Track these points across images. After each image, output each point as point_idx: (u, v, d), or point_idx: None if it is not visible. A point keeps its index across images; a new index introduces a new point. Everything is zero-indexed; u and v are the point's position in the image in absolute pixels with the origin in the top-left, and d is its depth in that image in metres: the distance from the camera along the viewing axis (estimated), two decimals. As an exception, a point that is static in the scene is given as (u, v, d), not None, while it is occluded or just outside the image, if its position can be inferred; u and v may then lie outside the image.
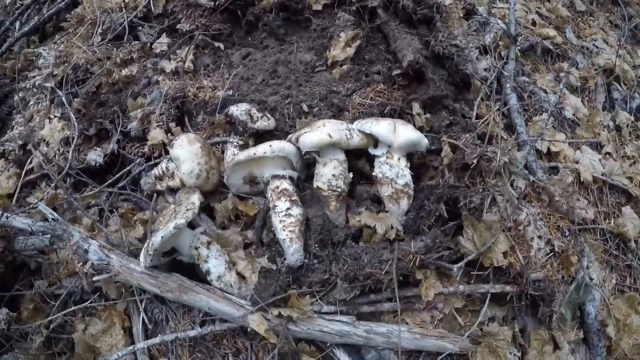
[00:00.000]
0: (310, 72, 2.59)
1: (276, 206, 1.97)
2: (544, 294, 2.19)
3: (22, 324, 2.38)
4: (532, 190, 2.36)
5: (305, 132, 2.00)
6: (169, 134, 2.43)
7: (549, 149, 2.59)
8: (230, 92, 2.45)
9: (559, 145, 2.60)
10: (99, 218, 2.42)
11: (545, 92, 2.77)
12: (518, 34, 2.78)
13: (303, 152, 2.03)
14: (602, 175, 2.71)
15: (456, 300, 2.14)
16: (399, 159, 2.14)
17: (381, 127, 2.08)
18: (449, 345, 1.98)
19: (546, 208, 2.38)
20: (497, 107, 2.51)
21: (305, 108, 2.38)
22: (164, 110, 2.48)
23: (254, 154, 2.00)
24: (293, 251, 1.92)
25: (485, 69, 2.57)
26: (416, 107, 2.36)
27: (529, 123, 2.61)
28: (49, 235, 2.24)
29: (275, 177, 2.05)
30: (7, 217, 2.21)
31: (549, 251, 2.32)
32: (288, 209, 1.96)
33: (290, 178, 2.08)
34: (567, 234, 2.42)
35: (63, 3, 3.83)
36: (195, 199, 1.90)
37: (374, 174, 2.16)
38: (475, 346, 2.02)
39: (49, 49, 3.23)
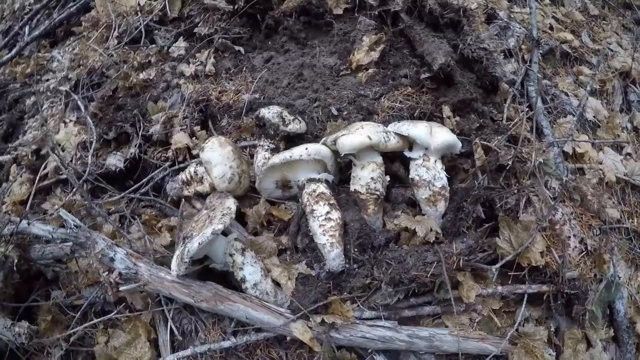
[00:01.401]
0: (335, 75, 2.50)
1: (314, 210, 1.86)
2: (579, 293, 2.13)
3: (40, 336, 2.22)
4: (565, 190, 2.27)
5: (344, 134, 1.90)
6: (194, 138, 2.31)
7: (574, 150, 2.52)
8: (257, 96, 2.33)
9: (583, 147, 2.53)
10: (120, 225, 2.27)
11: (567, 94, 2.72)
12: (539, 37, 2.71)
13: (342, 155, 1.92)
14: (624, 175, 2.64)
15: (494, 301, 2.06)
16: (435, 161, 2.06)
17: (418, 129, 1.99)
18: (491, 347, 1.89)
19: (578, 207, 2.31)
20: (525, 109, 2.44)
21: (334, 111, 2.27)
22: (187, 114, 2.35)
23: (290, 156, 1.89)
24: (334, 256, 1.81)
25: (511, 72, 2.49)
26: (446, 110, 2.28)
27: (554, 125, 2.54)
28: (70, 243, 2.08)
29: (311, 180, 1.94)
30: (27, 224, 2.05)
31: (582, 250, 2.25)
32: (327, 212, 1.85)
33: (326, 181, 1.98)
34: (598, 233, 2.35)
35: (74, 7, 3.69)
36: (231, 203, 1.78)
37: (410, 176, 2.07)
38: (513, 347, 1.92)
39: (63, 52, 3.08)
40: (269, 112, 2.06)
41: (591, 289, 2.21)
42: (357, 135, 1.88)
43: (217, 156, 1.93)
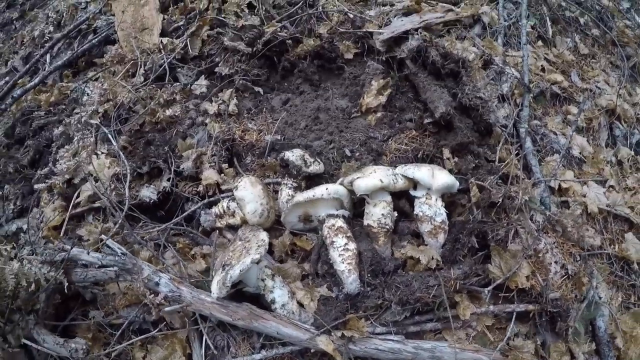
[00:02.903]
0: (347, 118, 3.06)
1: (334, 242, 2.41)
2: (561, 311, 2.67)
3: (86, 353, 2.72)
4: (548, 223, 2.84)
5: (359, 177, 2.46)
6: (222, 174, 2.85)
7: (559, 185, 3.09)
8: (278, 137, 2.89)
9: (568, 182, 3.10)
10: (156, 252, 2.80)
11: (555, 134, 3.29)
12: (530, 81, 3.31)
13: (357, 195, 2.47)
14: (606, 206, 3.21)
15: (487, 319, 2.61)
16: (436, 199, 2.62)
17: (422, 172, 2.55)
18: (485, 358, 2.41)
19: (560, 237, 2.87)
20: (516, 151, 3.02)
21: (347, 153, 2.83)
22: (215, 152, 2.90)
23: (313, 196, 2.44)
24: (352, 280, 2.35)
25: (504, 117, 3.07)
26: (446, 152, 2.85)
27: (542, 163, 3.11)
28: (115, 268, 2.59)
29: (330, 216, 2.48)
30: (86, 252, 2.55)
31: (564, 274, 2.81)
32: (345, 244, 2.40)
33: (343, 216, 2.52)
34: (578, 259, 2.92)
35: (96, 40, 4.25)
36: (264, 236, 2.32)
37: (415, 212, 2.63)
38: (504, 358, 2.46)
39: (93, 87, 3.61)
40: (293, 155, 2.62)
41: (573, 308, 2.77)
42: (370, 179, 2.44)
43: (249, 194, 2.48)
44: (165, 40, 3.76)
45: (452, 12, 3.61)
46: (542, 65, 3.62)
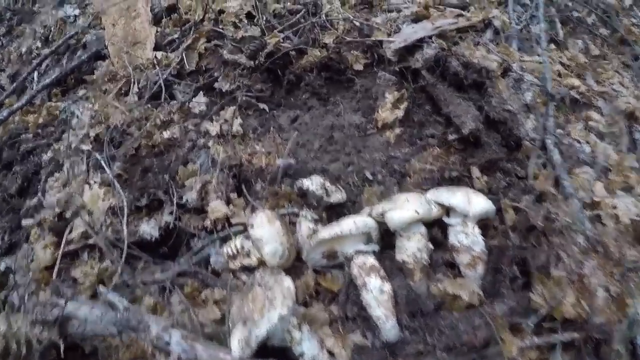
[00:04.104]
0: (363, 135, 2.59)
1: (367, 283, 1.95)
2: (606, 336, 2.24)
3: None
4: (589, 244, 2.41)
5: (391, 209, 1.99)
6: (230, 205, 2.35)
7: (591, 198, 2.66)
8: (291, 162, 2.39)
9: (599, 194, 2.67)
10: (161, 297, 2.30)
11: (579, 142, 2.87)
12: (553, 89, 2.87)
13: (392, 230, 2.01)
14: (637, 216, 2.78)
15: (531, 352, 2.16)
16: (473, 227, 2.17)
17: (457, 199, 2.10)
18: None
19: (602, 258, 2.44)
20: (542, 161, 2.58)
21: (368, 175, 2.37)
22: (221, 179, 2.40)
23: (340, 232, 1.97)
24: (390, 327, 1.90)
25: (532, 129, 2.62)
26: (475, 171, 2.40)
27: (572, 176, 2.67)
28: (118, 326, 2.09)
29: (359, 252, 2.02)
30: (83, 306, 2.05)
31: (608, 297, 2.38)
32: (380, 285, 1.95)
33: (374, 252, 2.05)
34: (618, 278, 2.50)
35: (85, 56, 3.69)
36: (289, 283, 1.86)
37: (450, 243, 2.18)
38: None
39: (82, 108, 3.07)
40: (312, 185, 2.14)
41: (616, 331, 2.35)
42: (405, 211, 1.98)
43: (267, 234, 1.99)
44: (159, 54, 3.23)
45: (463, 17, 3.15)
46: (558, 70, 3.18)
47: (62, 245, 2.70)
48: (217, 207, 2.35)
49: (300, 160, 2.46)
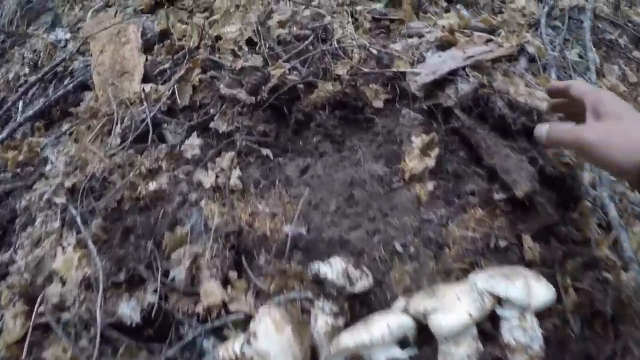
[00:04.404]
0: (388, 190, 1.97)
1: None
2: None
3: None
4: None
5: (436, 311, 1.39)
6: (228, 286, 1.73)
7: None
8: (303, 232, 1.77)
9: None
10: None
11: (632, 190, 2.24)
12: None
13: (439, 338, 1.39)
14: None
15: None
16: (532, 320, 1.56)
17: (517, 289, 1.53)
18: None
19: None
20: (597, 220, 1.97)
21: (398, 247, 1.77)
22: (215, 252, 1.78)
23: (370, 340, 1.38)
24: None
25: (589, 183, 2.00)
26: (527, 240, 1.81)
27: (630, 235, 2.06)
28: None
29: (393, 363, 1.40)
30: None
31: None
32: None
33: (410, 357, 1.44)
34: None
35: (71, 85, 3.08)
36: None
37: (505, 340, 1.58)
38: None
39: (57, 152, 2.47)
40: (332, 271, 1.54)
41: None
42: (456, 316, 1.39)
43: (275, 346, 1.40)
44: (148, 87, 2.62)
45: (494, 43, 2.51)
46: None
47: (32, 317, 2.11)
48: (211, 291, 1.75)
49: (314, 227, 1.85)
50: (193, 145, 2.35)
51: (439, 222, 1.87)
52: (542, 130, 1.30)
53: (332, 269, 1.54)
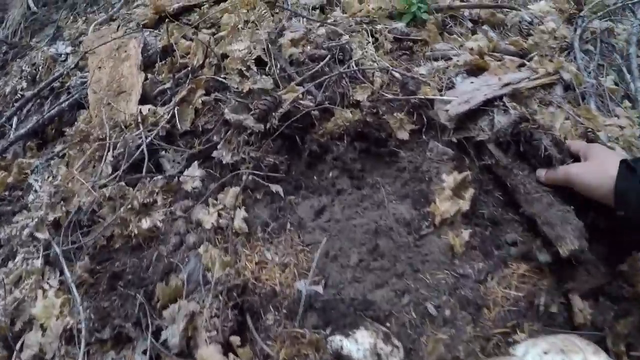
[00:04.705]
0: (417, 238, 1.69)
1: None
2: None
3: None
4: None
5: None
6: (230, 354, 1.44)
7: None
8: (319, 290, 1.49)
9: None
10: None
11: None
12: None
13: None
14: None
15: None
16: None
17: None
18: None
19: None
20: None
21: (431, 310, 1.49)
22: (215, 310, 1.49)
23: None
24: None
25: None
26: (577, 302, 1.53)
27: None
28: None
29: None
30: None
31: None
32: None
33: None
34: None
35: (67, 103, 2.83)
36: None
37: None
38: None
39: (42, 180, 2.20)
40: (359, 350, 1.25)
41: None
42: None
43: None
44: (146, 109, 2.35)
45: (527, 67, 2.25)
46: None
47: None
48: (209, 357, 1.44)
49: (332, 284, 1.57)
50: (194, 176, 2.07)
51: (477, 278, 1.57)
52: (541, 172, 1.68)
53: (358, 345, 1.25)
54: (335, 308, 1.49)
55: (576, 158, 1.64)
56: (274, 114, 2.05)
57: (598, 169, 1.45)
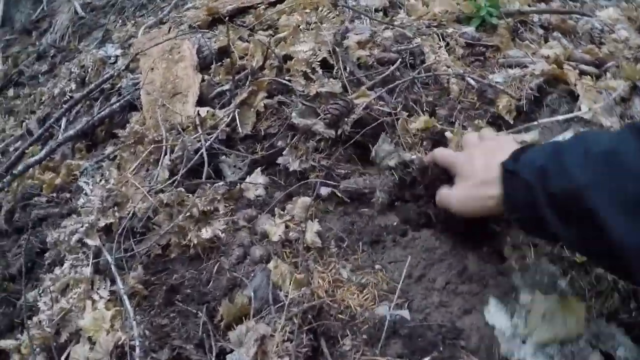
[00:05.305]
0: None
1: None
2: None
3: None
4: None
5: None
6: (305, 386, 1.24)
7: None
8: (404, 315, 1.28)
9: None
10: None
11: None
12: None
13: None
14: None
15: None
16: None
17: None
18: None
19: None
20: None
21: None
22: (288, 334, 1.29)
23: None
24: None
25: None
26: None
27: None
28: None
29: None
30: None
31: None
32: None
33: None
34: None
35: (117, 104, 2.73)
36: None
37: None
38: None
39: (93, 184, 2.07)
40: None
41: None
42: None
43: None
44: (203, 111, 2.21)
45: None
46: None
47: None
48: (282, 390, 1.24)
49: (416, 308, 1.34)
50: (257, 183, 1.91)
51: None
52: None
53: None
54: (422, 335, 1.28)
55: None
56: (346, 119, 1.87)
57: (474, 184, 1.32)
